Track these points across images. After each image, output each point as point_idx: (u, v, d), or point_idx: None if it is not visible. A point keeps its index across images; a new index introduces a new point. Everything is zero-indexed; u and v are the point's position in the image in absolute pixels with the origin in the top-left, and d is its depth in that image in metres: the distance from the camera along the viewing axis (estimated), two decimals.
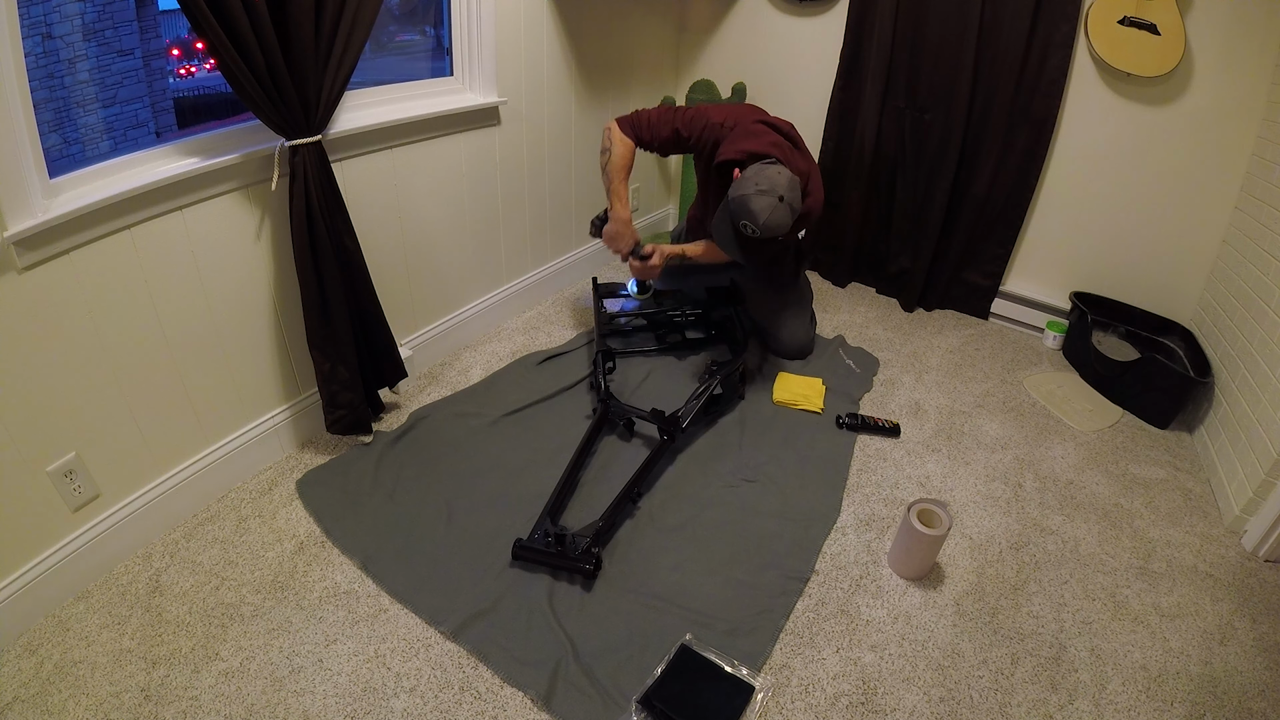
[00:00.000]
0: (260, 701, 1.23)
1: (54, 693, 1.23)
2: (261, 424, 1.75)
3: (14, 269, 1.20)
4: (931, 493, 1.81)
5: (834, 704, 1.27)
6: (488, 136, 2.18)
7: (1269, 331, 1.80)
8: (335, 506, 1.65)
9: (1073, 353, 2.46)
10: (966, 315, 2.78)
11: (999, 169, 2.49)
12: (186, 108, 1.62)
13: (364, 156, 1.81)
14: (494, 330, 2.46)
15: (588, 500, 1.69)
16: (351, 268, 1.68)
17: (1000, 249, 2.62)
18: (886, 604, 1.48)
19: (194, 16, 1.23)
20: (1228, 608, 1.51)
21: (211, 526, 1.60)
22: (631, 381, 2.17)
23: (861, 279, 2.98)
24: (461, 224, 2.20)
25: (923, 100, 2.52)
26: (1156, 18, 2.06)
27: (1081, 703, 1.29)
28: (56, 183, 1.27)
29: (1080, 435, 2.07)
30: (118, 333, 1.39)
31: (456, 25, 2.05)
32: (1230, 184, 2.17)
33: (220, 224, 1.53)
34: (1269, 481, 1.63)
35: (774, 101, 2.93)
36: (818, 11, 2.68)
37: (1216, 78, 2.10)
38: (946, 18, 2.37)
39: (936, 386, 2.27)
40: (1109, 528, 1.72)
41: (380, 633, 1.36)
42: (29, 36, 1.19)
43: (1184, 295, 2.36)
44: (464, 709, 1.24)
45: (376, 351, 1.84)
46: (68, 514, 1.40)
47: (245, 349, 1.67)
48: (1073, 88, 2.32)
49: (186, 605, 1.41)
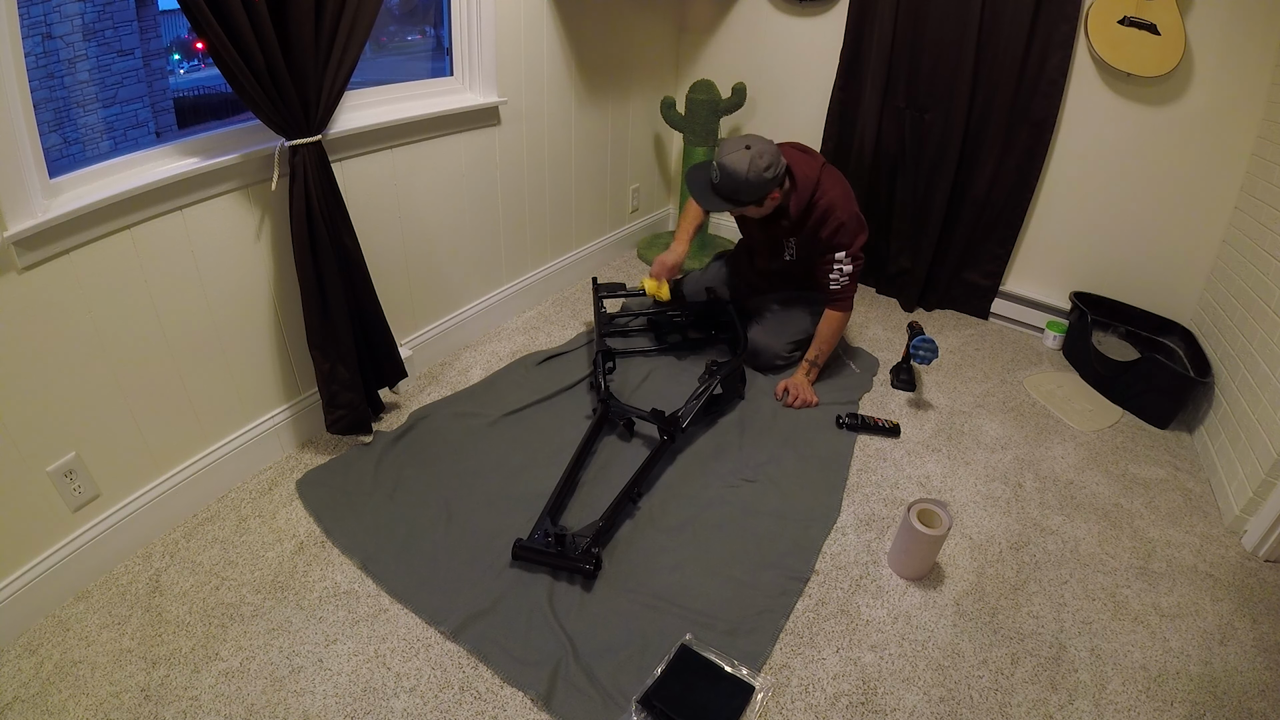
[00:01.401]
0: (260, 701, 1.23)
1: (54, 693, 1.23)
2: (261, 424, 1.75)
3: (14, 269, 1.20)
4: (931, 493, 1.81)
5: (834, 704, 1.27)
6: (488, 136, 2.18)
7: (1269, 331, 1.80)
8: (335, 506, 1.65)
9: (1073, 353, 2.46)
10: (966, 315, 2.78)
11: (999, 169, 2.49)
12: (186, 108, 1.62)
13: (364, 156, 1.81)
14: (494, 330, 2.46)
15: (588, 500, 1.69)
16: (351, 268, 1.68)
17: (1000, 249, 2.62)
18: (886, 604, 1.48)
19: (194, 16, 1.23)
20: (1228, 608, 1.51)
21: (211, 526, 1.60)
22: (631, 381, 2.17)
23: (861, 279, 2.97)
24: (461, 224, 2.20)
25: (923, 100, 2.52)
26: (1156, 18, 2.06)
27: (1081, 703, 1.29)
28: (56, 183, 1.27)
29: (1080, 435, 2.07)
30: (118, 333, 1.39)
31: (456, 25, 2.05)
32: (1230, 184, 2.17)
33: (220, 224, 1.53)
34: (1269, 481, 1.63)
35: (774, 101, 2.93)
36: (818, 11, 2.69)
37: (1216, 78, 2.10)
38: (946, 18, 2.37)
39: (936, 386, 2.27)
40: (1109, 528, 1.72)
41: (380, 633, 1.36)
42: (29, 36, 1.20)
43: (1184, 295, 2.36)
44: (464, 709, 1.24)
45: (376, 351, 1.84)
46: (68, 514, 1.40)
47: (245, 349, 1.67)
48: (1073, 88, 2.32)
49: (186, 605, 1.41)
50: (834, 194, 2.00)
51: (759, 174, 1.85)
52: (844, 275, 2.04)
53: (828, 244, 2.02)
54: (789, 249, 2.14)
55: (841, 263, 2.02)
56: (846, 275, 2.04)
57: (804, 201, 1.99)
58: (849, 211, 2.02)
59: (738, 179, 1.86)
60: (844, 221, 1.99)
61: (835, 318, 2.11)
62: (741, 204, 1.93)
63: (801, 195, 1.99)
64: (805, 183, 1.99)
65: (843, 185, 2.06)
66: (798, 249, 2.12)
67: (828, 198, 1.99)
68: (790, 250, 2.14)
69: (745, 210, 2.00)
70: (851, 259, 2.03)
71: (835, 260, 2.02)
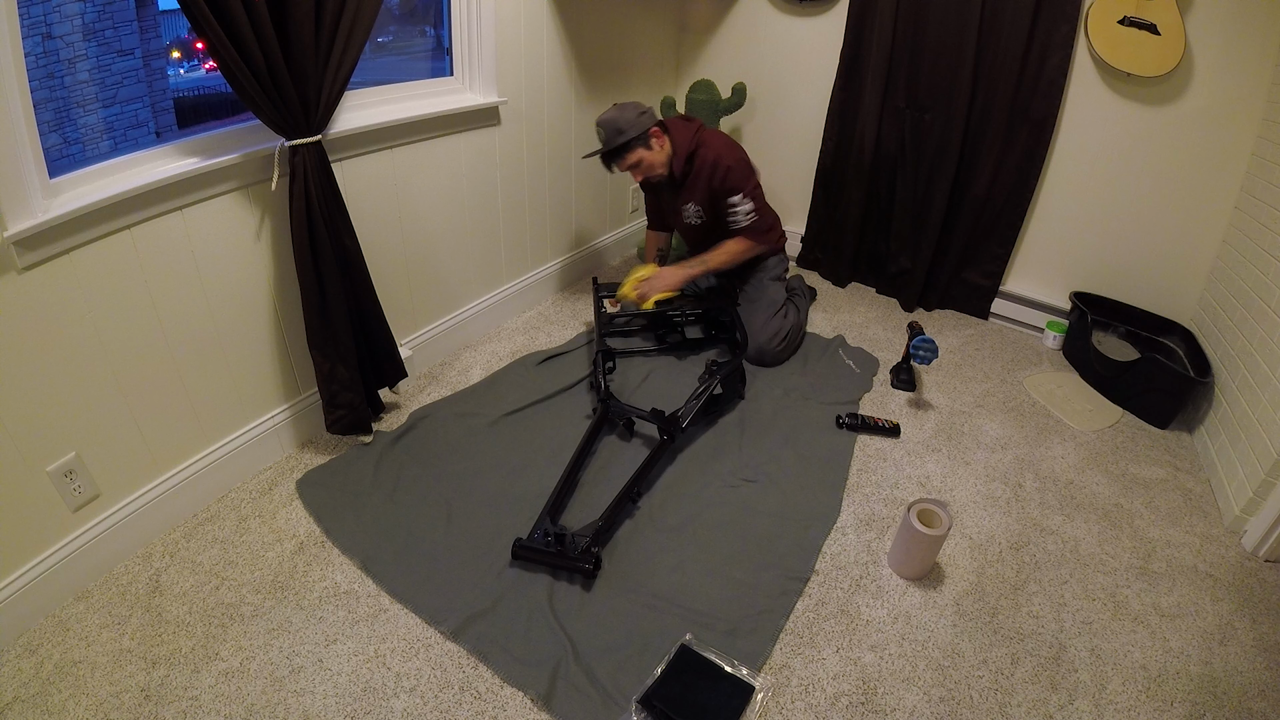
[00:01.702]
0: (260, 701, 1.23)
1: (54, 693, 1.23)
2: (261, 424, 1.75)
3: (14, 269, 1.20)
4: (931, 493, 1.81)
5: (834, 704, 1.27)
6: (488, 136, 2.18)
7: (1269, 331, 1.80)
8: (335, 506, 1.65)
9: (1073, 353, 2.46)
10: (966, 315, 2.78)
11: (999, 169, 2.49)
12: (186, 108, 1.62)
13: (364, 156, 1.81)
14: (494, 330, 2.46)
15: (588, 500, 1.69)
16: (351, 268, 1.68)
17: (1000, 249, 2.62)
18: (886, 604, 1.48)
19: (194, 16, 1.23)
20: (1228, 608, 1.51)
21: (211, 526, 1.60)
22: (631, 381, 2.17)
23: (861, 279, 2.98)
24: (461, 224, 2.20)
25: (923, 100, 2.52)
26: (1156, 18, 2.06)
27: (1081, 703, 1.29)
28: (56, 183, 1.27)
29: (1080, 435, 2.07)
30: (118, 333, 1.39)
31: (456, 25, 2.05)
32: (1230, 184, 2.17)
33: (220, 224, 1.53)
34: (1269, 481, 1.63)
35: (774, 101, 2.93)
36: (818, 11, 2.69)
37: (1216, 78, 2.10)
38: (946, 18, 2.37)
39: (936, 386, 2.27)
40: (1109, 528, 1.72)
41: (380, 633, 1.36)
42: (29, 36, 1.20)
43: (1184, 295, 2.36)
44: (464, 709, 1.24)
45: (376, 351, 1.84)
46: (68, 514, 1.40)
47: (245, 349, 1.67)
48: (1073, 88, 2.32)
49: (186, 605, 1.41)
50: (716, 146, 2.14)
51: (632, 116, 2.04)
52: (746, 214, 2.18)
53: (721, 191, 2.16)
54: (691, 212, 2.25)
55: (738, 205, 2.16)
56: (747, 214, 2.18)
57: (684, 159, 2.14)
58: (734, 158, 2.14)
59: (612, 125, 2.03)
60: (730, 166, 2.12)
61: (740, 243, 2.23)
62: (630, 148, 2.05)
63: (680, 154, 2.14)
64: (685, 141, 2.13)
65: (723, 138, 2.19)
66: (705, 211, 2.24)
67: (710, 151, 2.13)
68: (693, 213, 2.25)
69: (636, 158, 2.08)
70: (748, 197, 2.16)
71: (731, 205, 2.17)
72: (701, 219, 2.26)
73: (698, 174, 2.15)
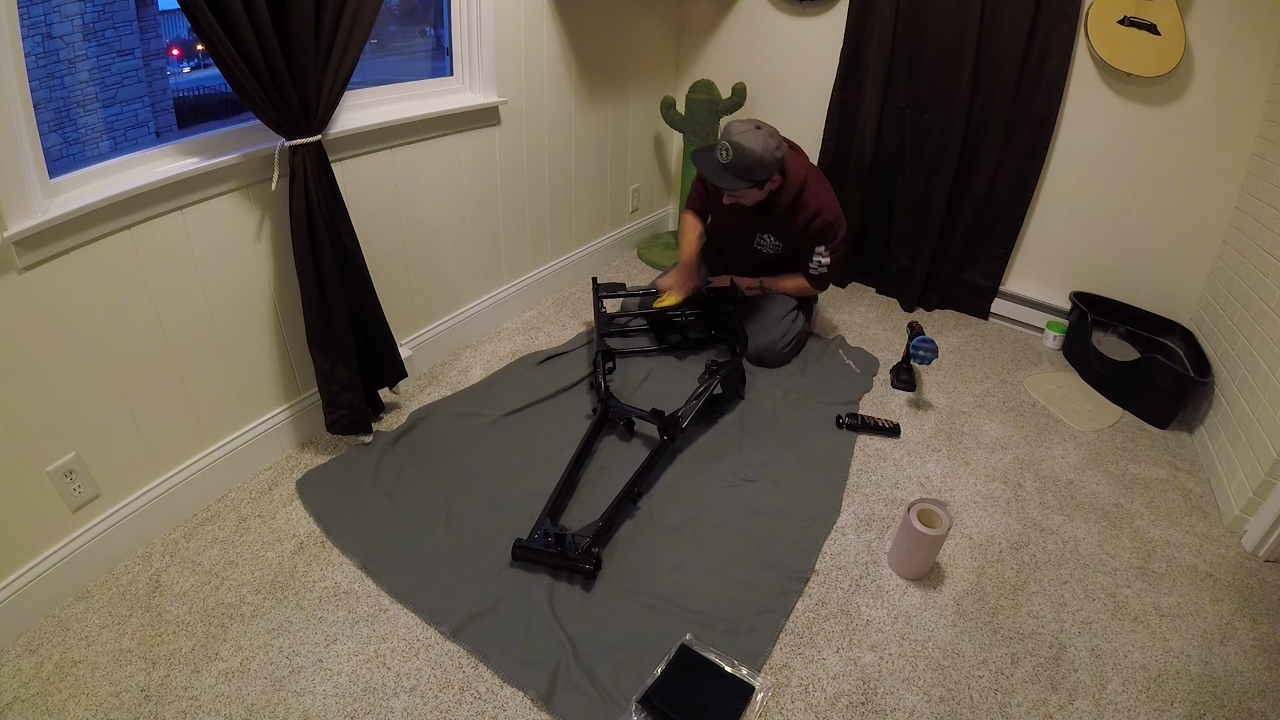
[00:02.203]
0: (260, 701, 1.23)
1: (54, 693, 1.23)
2: (261, 424, 1.75)
3: (14, 269, 1.20)
4: (931, 493, 1.81)
5: (834, 704, 1.27)
6: (488, 136, 2.18)
7: (1269, 331, 1.80)
8: (335, 506, 1.65)
9: (1073, 353, 2.46)
10: (966, 315, 2.78)
11: (999, 169, 2.49)
12: (186, 108, 1.62)
13: (364, 156, 1.81)
14: (494, 330, 2.46)
15: (588, 500, 1.69)
16: (351, 268, 1.68)
17: (1000, 249, 2.62)
18: (886, 604, 1.48)
19: (194, 17, 1.23)
20: (1228, 608, 1.51)
21: (211, 526, 1.60)
22: (631, 381, 2.17)
23: (861, 279, 2.99)
24: (461, 224, 2.20)
25: (923, 100, 2.52)
26: (1156, 18, 2.06)
27: (1081, 703, 1.29)
28: (56, 183, 1.27)
29: (1080, 435, 2.07)
30: (118, 333, 1.39)
31: (456, 25, 2.05)
32: (1230, 184, 2.17)
33: (220, 224, 1.53)
34: (1269, 481, 1.63)
35: (774, 101, 2.93)
36: (818, 11, 2.69)
37: (1216, 78, 2.10)
38: (946, 18, 2.37)
39: (936, 386, 2.27)
40: (1109, 528, 1.72)
41: (380, 633, 1.36)
42: (29, 36, 1.19)
43: (1184, 295, 2.36)
44: (464, 709, 1.24)
45: (376, 351, 1.84)
46: (68, 514, 1.40)
47: (245, 349, 1.67)
48: (1073, 88, 2.32)
49: (186, 605, 1.41)
50: (822, 196, 2.15)
51: (771, 153, 1.96)
52: (823, 266, 2.22)
53: (814, 239, 2.17)
54: (768, 243, 2.24)
55: (822, 255, 2.20)
56: (825, 266, 2.22)
57: (792, 196, 2.10)
58: (835, 212, 2.16)
59: (752, 157, 1.94)
60: (830, 221, 2.14)
61: (806, 285, 2.30)
62: (753, 182, 2.00)
63: (790, 189, 2.10)
64: (795, 179, 2.11)
65: (828, 186, 2.20)
66: (785, 248, 2.24)
67: (817, 199, 2.13)
68: (770, 244, 2.24)
69: (746, 193, 2.06)
70: (831, 252, 2.19)
71: (817, 253, 2.20)
72: (775, 251, 2.26)
73: (793, 214, 2.14)
